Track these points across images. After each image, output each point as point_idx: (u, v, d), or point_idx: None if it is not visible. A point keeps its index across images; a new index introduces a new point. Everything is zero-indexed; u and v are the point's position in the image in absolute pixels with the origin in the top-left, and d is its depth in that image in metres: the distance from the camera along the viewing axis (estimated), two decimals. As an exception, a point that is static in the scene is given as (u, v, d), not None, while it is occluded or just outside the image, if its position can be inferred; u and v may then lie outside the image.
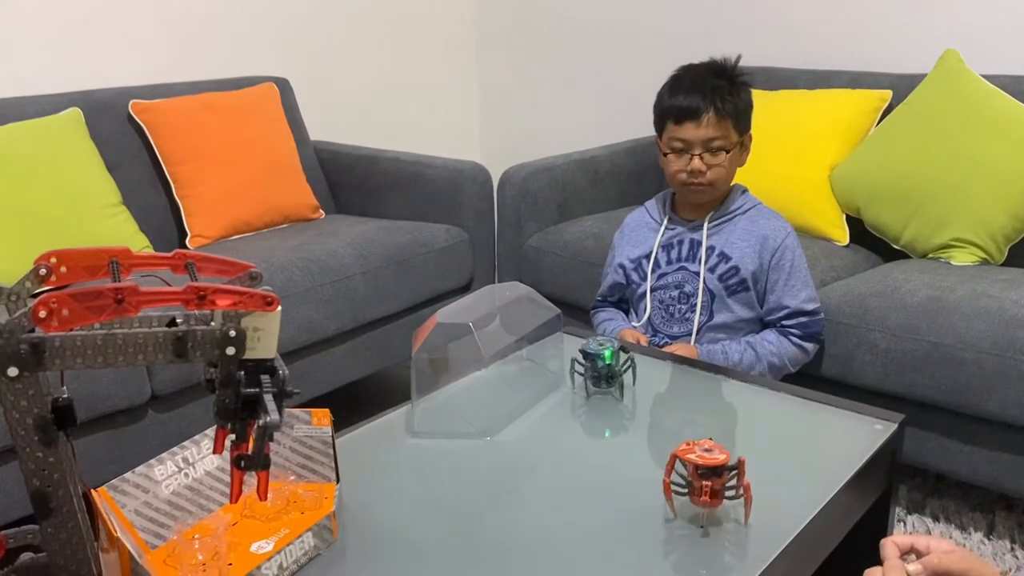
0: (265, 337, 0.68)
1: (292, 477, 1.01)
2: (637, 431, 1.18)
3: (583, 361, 1.25)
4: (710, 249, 1.55)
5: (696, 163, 1.50)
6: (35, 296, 0.66)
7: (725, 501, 0.92)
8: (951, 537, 1.60)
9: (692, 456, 0.91)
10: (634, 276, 1.63)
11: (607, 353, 1.22)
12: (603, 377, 1.24)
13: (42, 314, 0.61)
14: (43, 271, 0.69)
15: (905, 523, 1.64)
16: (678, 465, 0.93)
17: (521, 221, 2.17)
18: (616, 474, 1.05)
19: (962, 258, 1.80)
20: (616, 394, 1.24)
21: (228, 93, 2.22)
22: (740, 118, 1.52)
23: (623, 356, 1.24)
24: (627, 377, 1.25)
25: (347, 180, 2.41)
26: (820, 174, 2.02)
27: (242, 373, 0.69)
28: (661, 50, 2.65)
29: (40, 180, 1.79)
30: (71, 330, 0.64)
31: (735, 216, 1.57)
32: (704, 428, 1.16)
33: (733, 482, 0.92)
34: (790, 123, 2.08)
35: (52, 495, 0.66)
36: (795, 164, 2.04)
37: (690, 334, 1.56)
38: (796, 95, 2.15)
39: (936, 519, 1.66)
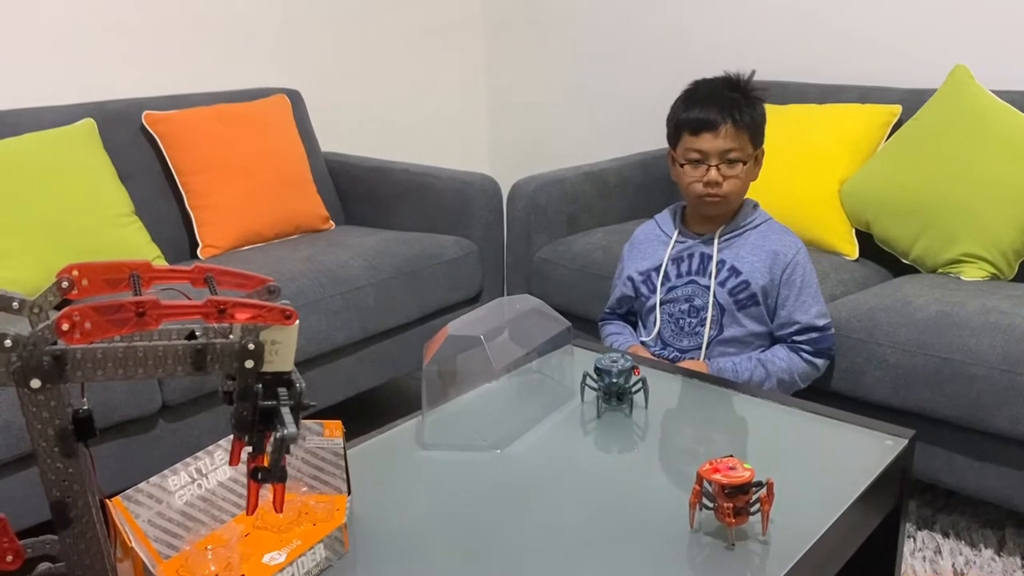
0: (283, 350, 0.69)
1: (304, 488, 1.02)
2: (648, 446, 1.18)
3: (595, 377, 1.25)
4: (720, 263, 1.56)
5: (713, 174, 1.51)
6: (57, 308, 0.66)
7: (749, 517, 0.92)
8: (961, 554, 1.59)
9: (717, 476, 0.91)
10: (643, 289, 1.63)
11: (615, 370, 1.22)
12: (614, 394, 1.24)
13: (65, 327, 0.61)
14: (65, 284, 0.70)
15: (915, 539, 1.64)
16: (704, 484, 0.93)
17: (530, 233, 2.18)
18: (627, 488, 1.05)
19: (972, 273, 1.80)
20: (626, 411, 1.25)
21: (240, 104, 2.24)
22: (755, 131, 1.53)
23: (635, 377, 1.25)
24: (639, 397, 1.25)
25: (357, 191, 2.42)
26: (830, 188, 2.02)
27: (260, 386, 0.69)
28: (671, 63, 2.66)
29: (54, 190, 1.81)
30: (92, 343, 0.64)
31: (746, 231, 1.57)
32: (715, 444, 1.16)
33: (758, 499, 0.92)
34: (800, 137, 2.09)
35: (72, 505, 0.67)
36: (805, 178, 2.04)
37: (700, 348, 1.56)
38: (806, 109, 2.16)
39: (946, 535, 1.65)
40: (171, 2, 2.32)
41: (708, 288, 1.55)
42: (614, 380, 1.23)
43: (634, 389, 1.25)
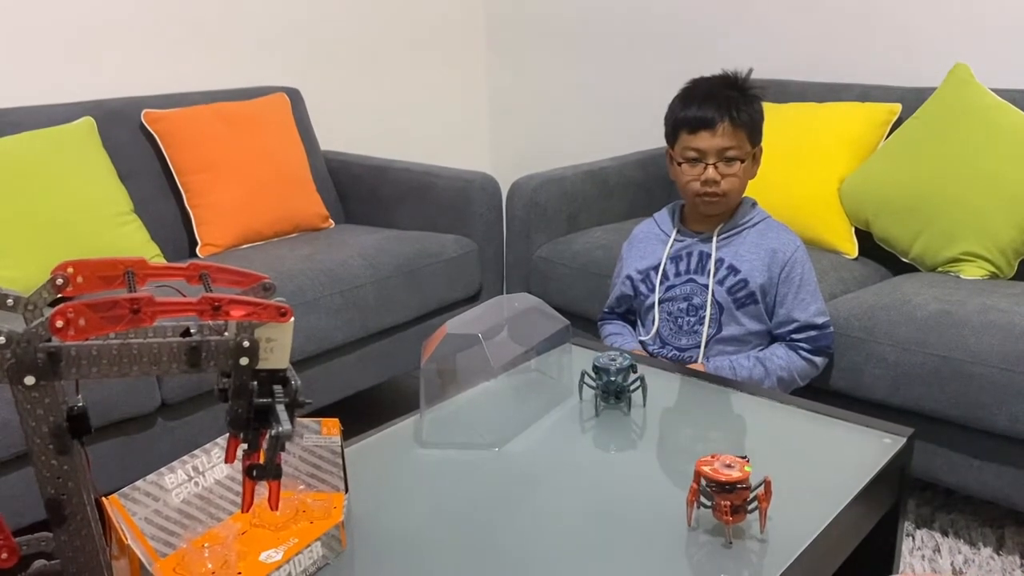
0: (278, 347, 0.69)
1: (302, 486, 1.01)
2: (646, 444, 1.18)
3: (594, 375, 1.25)
4: (719, 262, 1.56)
5: (711, 172, 1.51)
6: (52, 305, 0.66)
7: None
8: (960, 552, 1.59)
9: (708, 470, 0.91)
10: (642, 288, 1.63)
11: (613, 368, 1.22)
12: (612, 393, 1.24)
13: (59, 324, 0.61)
14: (60, 281, 0.70)
15: (914, 538, 1.64)
16: (701, 482, 0.93)
17: (530, 232, 2.18)
18: (625, 486, 1.05)
19: (972, 272, 1.80)
20: (624, 409, 1.24)
21: (239, 103, 2.24)
22: (753, 129, 1.53)
23: (633, 375, 1.24)
24: (637, 395, 1.25)
25: (357, 190, 2.42)
26: (829, 187, 2.02)
27: (255, 383, 0.69)
28: (671, 62, 2.66)
29: (53, 188, 1.81)
30: (87, 339, 0.64)
31: (744, 229, 1.57)
32: (714, 442, 1.16)
33: (755, 497, 0.92)
34: (800, 136, 2.08)
35: (66, 503, 0.67)
36: (804, 177, 2.04)
37: (698, 346, 1.56)
38: (806, 108, 2.15)
39: (945, 534, 1.65)
40: (171, 1, 2.31)
41: (707, 287, 1.55)
42: (612, 379, 1.22)
43: (632, 387, 1.24)
